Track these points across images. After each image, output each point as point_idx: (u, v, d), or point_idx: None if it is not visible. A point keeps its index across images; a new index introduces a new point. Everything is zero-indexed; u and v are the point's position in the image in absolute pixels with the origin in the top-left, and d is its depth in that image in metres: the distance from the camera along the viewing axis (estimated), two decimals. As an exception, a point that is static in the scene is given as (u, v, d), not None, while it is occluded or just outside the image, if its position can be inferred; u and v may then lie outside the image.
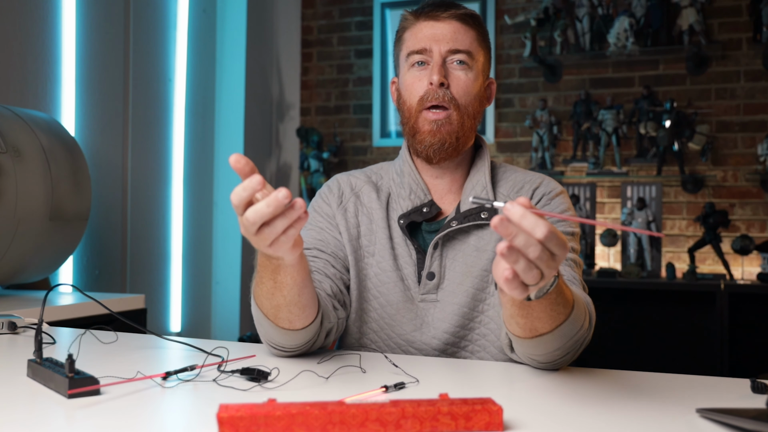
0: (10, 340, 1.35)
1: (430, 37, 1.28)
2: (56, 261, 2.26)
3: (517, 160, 3.83)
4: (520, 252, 0.79)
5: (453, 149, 1.28)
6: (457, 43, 1.27)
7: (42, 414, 0.85)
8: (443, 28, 1.28)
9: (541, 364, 1.10)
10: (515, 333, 1.04)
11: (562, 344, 1.04)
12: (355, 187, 1.38)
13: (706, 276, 3.36)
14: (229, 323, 3.73)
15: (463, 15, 1.29)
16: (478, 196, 1.21)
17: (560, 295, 0.96)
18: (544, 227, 0.78)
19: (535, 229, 0.78)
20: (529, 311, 0.97)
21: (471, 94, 1.28)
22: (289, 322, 1.09)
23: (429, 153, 1.28)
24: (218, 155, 3.76)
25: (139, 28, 3.14)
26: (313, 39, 4.24)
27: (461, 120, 1.27)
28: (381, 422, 0.76)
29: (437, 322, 1.27)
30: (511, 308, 0.98)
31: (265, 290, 1.06)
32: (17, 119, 2.11)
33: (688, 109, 3.53)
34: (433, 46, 1.27)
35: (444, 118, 1.26)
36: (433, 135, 1.27)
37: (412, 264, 1.30)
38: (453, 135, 1.27)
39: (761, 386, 0.96)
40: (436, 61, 1.27)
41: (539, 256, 0.79)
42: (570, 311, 1.00)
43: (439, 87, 1.26)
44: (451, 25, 1.28)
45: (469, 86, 1.28)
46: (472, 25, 1.30)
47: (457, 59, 1.27)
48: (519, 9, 3.82)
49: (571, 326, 1.02)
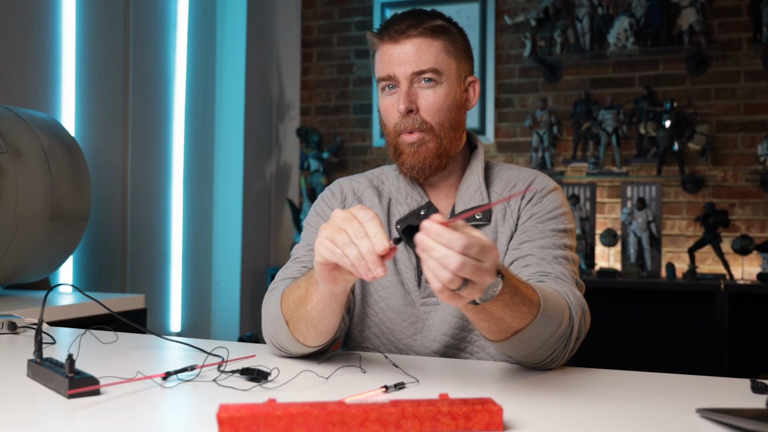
0: (10, 340, 1.35)
1: (393, 62, 1.25)
2: (56, 261, 2.26)
3: (517, 160, 3.83)
4: (440, 264, 0.83)
5: (437, 165, 1.28)
6: (420, 63, 1.24)
7: (42, 414, 0.85)
8: (405, 49, 1.25)
9: (531, 364, 1.11)
10: (487, 337, 1.05)
11: (542, 342, 1.04)
12: (358, 192, 1.38)
13: (706, 276, 3.36)
14: (229, 323, 3.73)
15: (424, 30, 1.25)
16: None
17: (516, 295, 0.96)
18: (461, 240, 0.82)
19: (453, 243, 0.82)
20: (487, 315, 0.98)
21: (443, 110, 1.26)
22: (304, 338, 1.11)
23: (413, 174, 1.29)
24: (218, 155, 3.76)
25: (139, 28, 3.14)
26: (313, 39, 4.24)
27: (437, 139, 1.26)
28: (381, 422, 0.76)
29: (437, 326, 1.28)
30: (468, 314, 1.00)
31: (296, 296, 1.09)
32: (17, 119, 2.11)
33: (688, 109, 3.53)
34: (397, 71, 1.25)
35: (419, 140, 1.26)
36: (413, 157, 1.27)
37: (411, 268, 1.30)
38: (432, 154, 1.27)
39: (761, 386, 0.96)
40: (402, 88, 1.25)
41: (460, 266, 0.82)
42: (537, 309, 1.00)
43: (407, 115, 1.25)
44: (413, 43, 1.25)
45: (440, 104, 1.26)
46: (437, 37, 1.26)
47: (424, 77, 1.25)
48: (519, 9, 3.82)
49: (544, 324, 1.02)
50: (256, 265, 3.89)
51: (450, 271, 0.82)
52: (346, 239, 0.90)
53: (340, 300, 1.05)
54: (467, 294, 0.85)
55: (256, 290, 3.82)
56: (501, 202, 1.29)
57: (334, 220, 0.92)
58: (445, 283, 0.83)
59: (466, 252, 0.82)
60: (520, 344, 1.03)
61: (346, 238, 0.90)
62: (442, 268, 0.83)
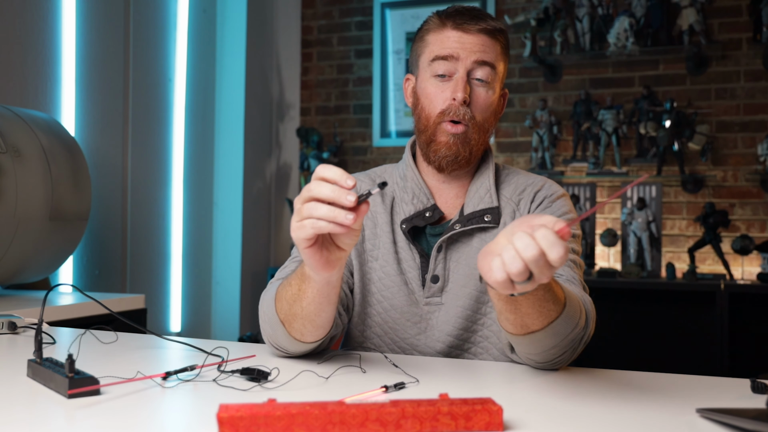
0: (10, 340, 1.35)
1: (458, 46, 1.27)
2: (56, 261, 2.26)
3: (517, 160, 3.83)
4: (518, 254, 0.81)
5: (465, 162, 1.30)
6: (484, 54, 1.27)
7: (42, 414, 0.85)
8: (471, 40, 1.27)
9: (538, 363, 1.11)
10: (507, 330, 1.04)
11: (557, 342, 1.04)
12: (359, 190, 1.38)
13: (706, 276, 3.36)
14: (229, 323, 3.73)
15: (491, 30, 1.28)
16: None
17: (549, 292, 0.97)
18: (550, 236, 0.80)
19: (541, 238, 0.81)
20: (517, 307, 0.98)
21: (489, 111, 1.29)
22: (301, 335, 1.11)
23: (442, 164, 1.29)
24: (218, 155, 3.76)
25: (139, 28, 3.14)
26: (313, 39, 4.24)
27: (477, 136, 1.28)
28: (381, 422, 0.76)
29: (441, 325, 1.28)
30: (498, 303, 0.99)
31: (289, 295, 1.08)
32: (17, 119, 2.11)
33: (688, 109, 3.53)
34: (461, 54, 1.26)
35: (462, 133, 1.27)
36: (449, 147, 1.28)
37: (415, 268, 1.30)
38: (467, 149, 1.28)
39: (761, 386, 0.96)
40: (461, 75, 1.26)
41: (536, 260, 0.81)
42: (562, 309, 1.01)
43: (462, 104, 1.26)
44: (479, 38, 1.27)
45: (488, 103, 1.29)
46: (498, 38, 1.29)
47: (479, 75, 1.27)
48: (519, 9, 3.82)
49: (564, 324, 1.02)
50: (256, 265, 3.89)
51: (525, 261, 0.81)
52: (309, 204, 0.89)
53: (336, 288, 1.05)
54: (522, 287, 0.84)
55: (256, 290, 3.82)
56: (607, 203, 1.30)
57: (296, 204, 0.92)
58: (514, 273, 0.82)
59: (540, 242, 0.81)
60: (537, 342, 1.04)
61: (309, 204, 0.89)
62: (518, 259, 0.81)
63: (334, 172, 0.89)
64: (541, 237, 0.81)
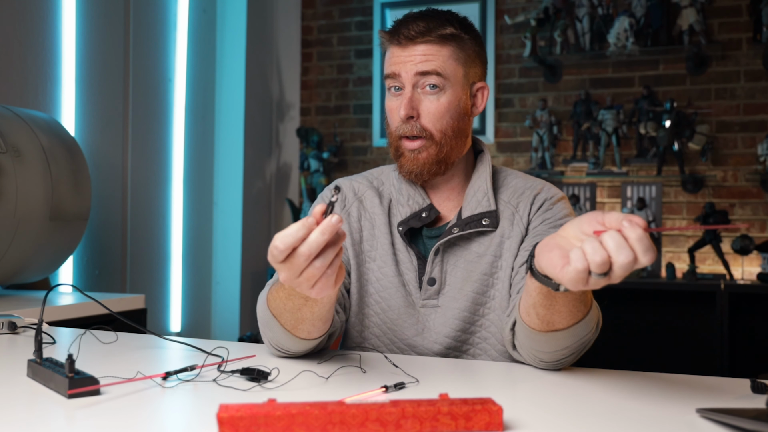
0: (10, 340, 1.35)
1: (399, 61, 1.26)
2: (56, 261, 2.26)
3: (517, 160, 3.83)
4: (607, 251, 0.80)
5: (435, 171, 1.29)
6: (426, 64, 1.24)
7: (42, 414, 0.85)
8: (411, 53, 1.25)
9: (544, 363, 1.10)
10: (532, 325, 1.04)
11: (572, 343, 1.05)
12: (358, 192, 1.38)
13: (706, 276, 3.36)
14: (229, 323, 3.73)
15: (432, 38, 1.25)
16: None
17: (583, 293, 0.98)
18: (639, 231, 0.79)
19: (630, 232, 0.79)
20: (553, 302, 0.98)
21: (445, 118, 1.26)
22: (308, 333, 1.11)
23: (412, 177, 1.29)
24: (218, 155, 3.76)
25: (139, 28, 3.14)
26: (313, 39, 4.24)
27: (437, 146, 1.26)
28: (381, 422, 0.76)
29: (438, 327, 1.28)
30: (537, 297, 0.99)
31: (291, 305, 1.06)
32: (17, 119, 2.11)
33: (688, 109, 3.53)
34: (401, 70, 1.26)
35: (419, 148, 1.26)
36: (411, 162, 1.28)
37: (413, 269, 1.30)
38: (431, 160, 1.27)
39: (761, 386, 0.96)
40: (406, 93, 1.26)
41: (622, 252, 0.79)
42: (587, 311, 1.03)
43: (408, 120, 1.25)
44: (420, 47, 1.25)
45: (442, 111, 1.26)
46: (445, 44, 1.25)
47: (429, 83, 1.25)
48: (519, 9, 3.82)
49: (585, 326, 1.04)
50: (256, 265, 3.89)
51: (609, 252, 0.79)
52: (293, 263, 0.86)
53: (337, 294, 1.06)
54: (596, 282, 0.82)
55: (256, 290, 3.82)
56: (676, 230, 1.26)
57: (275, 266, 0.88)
58: (595, 264, 0.80)
59: (634, 245, 0.80)
60: (556, 340, 1.04)
61: (293, 262, 0.86)
62: (601, 249, 0.80)
63: (283, 239, 0.85)
64: (636, 240, 0.79)
